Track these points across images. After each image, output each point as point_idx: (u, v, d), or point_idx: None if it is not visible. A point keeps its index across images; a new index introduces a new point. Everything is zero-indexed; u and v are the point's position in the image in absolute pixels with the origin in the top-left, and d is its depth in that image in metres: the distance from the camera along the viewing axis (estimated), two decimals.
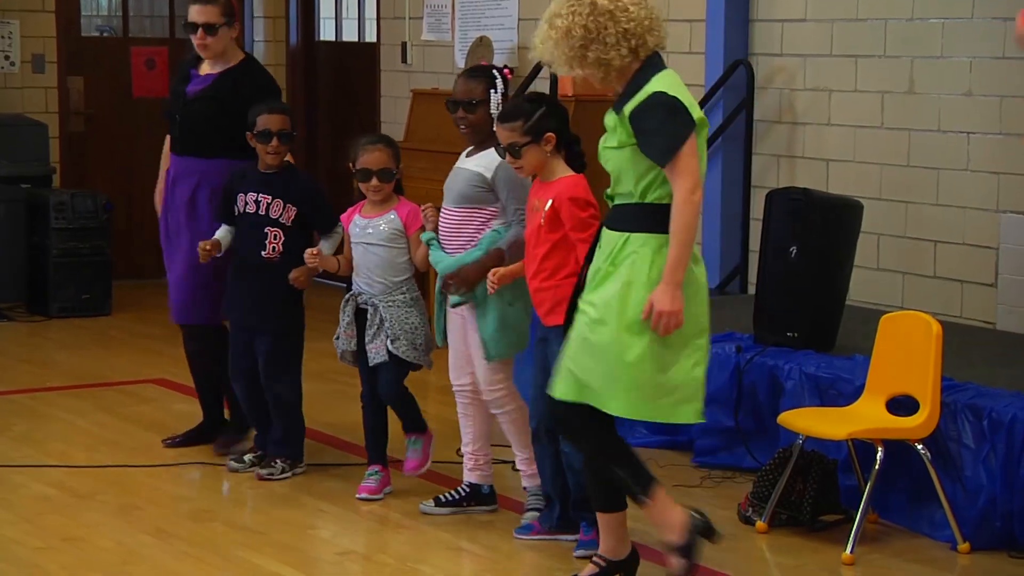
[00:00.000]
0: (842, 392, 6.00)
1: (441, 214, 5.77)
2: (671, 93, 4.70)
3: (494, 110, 5.63)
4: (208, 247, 6.29)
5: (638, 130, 4.70)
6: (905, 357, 5.64)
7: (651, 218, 4.75)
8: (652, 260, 4.72)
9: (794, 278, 6.37)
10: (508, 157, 5.36)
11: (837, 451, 5.90)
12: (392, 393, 6.07)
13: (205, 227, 6.47)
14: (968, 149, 7.22)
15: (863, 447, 5.70)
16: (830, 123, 7.82)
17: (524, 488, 5.85)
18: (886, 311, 6.29)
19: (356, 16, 11.22)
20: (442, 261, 5.69)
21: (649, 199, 4.76)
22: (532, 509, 5.77)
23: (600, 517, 5.08)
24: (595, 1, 4.70)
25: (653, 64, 4.77)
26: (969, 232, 7.23)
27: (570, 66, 4.77)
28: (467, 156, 5.75)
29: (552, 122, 5.33)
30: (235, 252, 6.39)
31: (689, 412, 4.82)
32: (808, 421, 5.66)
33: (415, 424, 6.15)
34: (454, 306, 5.68)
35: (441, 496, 5.96)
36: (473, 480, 5.96)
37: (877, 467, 5.49)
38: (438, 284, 5.78)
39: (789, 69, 7.99)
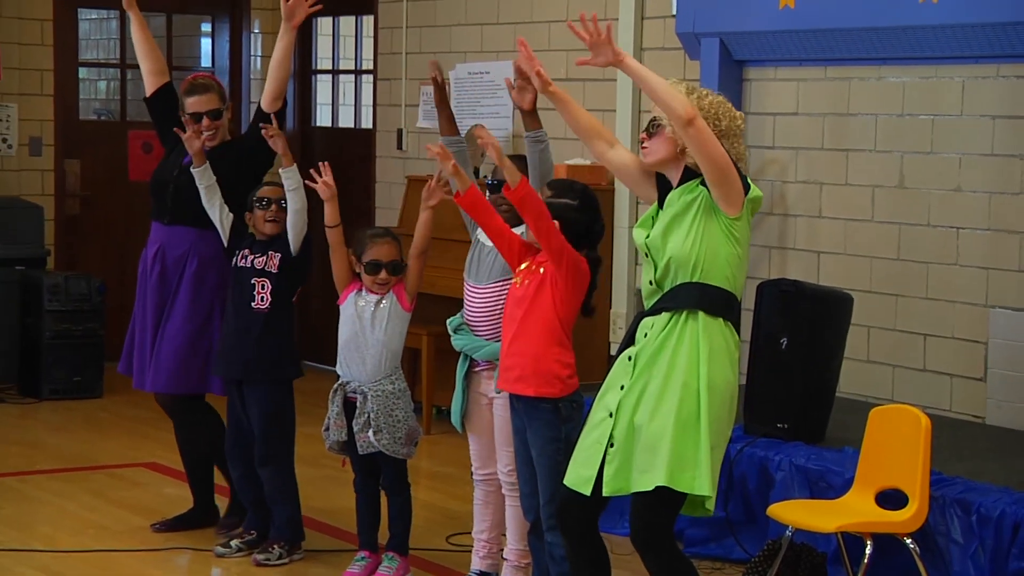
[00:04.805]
0: (832, 484, 6.01)
1: (468, 296, 5.75)
2: None
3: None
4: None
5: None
6: (894, 450, 5.65)
7: (708, 299, 4.73)
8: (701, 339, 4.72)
9: (784, 369, 6.38)
10: None
11: (826, 544, 5.90)
12: (401, 484, 6.09)
13: (203, 294, 6.51)
14: (957, 244, 7.27)
15: (852, 540, 5.70)
16: (821, 215, 7.88)
17: None
18: (876, 403, 6.30)
19: (353, 103, 11.30)
20: (476, 344, 5.67)
21: (708, 280, 4.72)
22: None
23: None
24: (724, 101, 4.83)
25: None
26: (959, 326, 7.26)
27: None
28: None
29: (571, 214, 5.29)
30: (228, 305, 6.37)
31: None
32: (797, 513, 5.66)
33: (400, 543, 6.14)
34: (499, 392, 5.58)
35: None
36: (484, 568, 5.93)
37: (866, 561, 5.49)
38: (461, 371, 5.76)
39: (781, 161, 8.06)
